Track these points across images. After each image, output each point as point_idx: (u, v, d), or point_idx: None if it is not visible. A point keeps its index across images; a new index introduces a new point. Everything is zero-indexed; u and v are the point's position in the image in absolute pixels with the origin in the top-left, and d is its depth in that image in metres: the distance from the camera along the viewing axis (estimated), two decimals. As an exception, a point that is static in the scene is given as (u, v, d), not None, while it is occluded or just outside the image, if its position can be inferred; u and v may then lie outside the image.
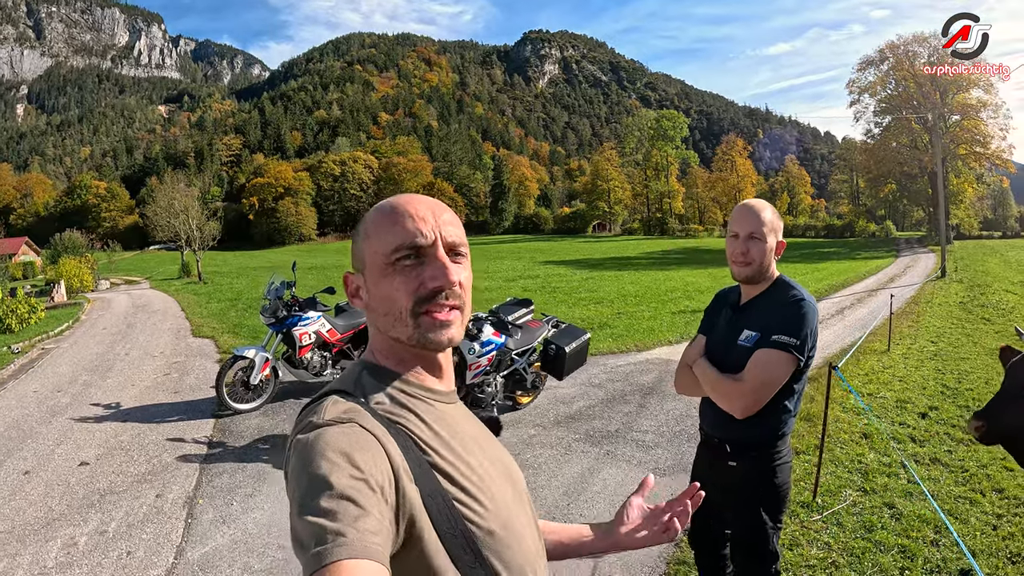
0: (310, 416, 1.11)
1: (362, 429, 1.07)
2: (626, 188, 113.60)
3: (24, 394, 10.52)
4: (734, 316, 2.97)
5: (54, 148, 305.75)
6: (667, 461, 6.38)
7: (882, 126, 63.24)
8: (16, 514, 5.67)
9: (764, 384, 2.68)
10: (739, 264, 2.83)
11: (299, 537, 0.94)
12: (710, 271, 31.63)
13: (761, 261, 2.79)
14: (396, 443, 1.10)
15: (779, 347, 2.67)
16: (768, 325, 2.75)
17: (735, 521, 3.00)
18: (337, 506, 0.93)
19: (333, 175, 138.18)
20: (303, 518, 0.94)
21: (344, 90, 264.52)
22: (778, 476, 2.86)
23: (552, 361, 7.55)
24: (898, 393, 8.47)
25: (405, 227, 1.21)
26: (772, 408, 2.76)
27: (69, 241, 51.15)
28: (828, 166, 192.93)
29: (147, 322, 19.24)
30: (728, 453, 2.91)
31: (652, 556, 4.56)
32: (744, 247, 2.79)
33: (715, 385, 2.83)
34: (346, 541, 0.90)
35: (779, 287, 2.87)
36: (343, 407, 1.12)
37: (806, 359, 2.72)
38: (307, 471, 0.99)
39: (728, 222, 2.97)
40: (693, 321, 14.74)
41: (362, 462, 1.00)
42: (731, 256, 2.87)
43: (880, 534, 4.58)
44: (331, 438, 1.03)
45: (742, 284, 2.95)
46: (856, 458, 6.11)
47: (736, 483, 2.90)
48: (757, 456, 2.85)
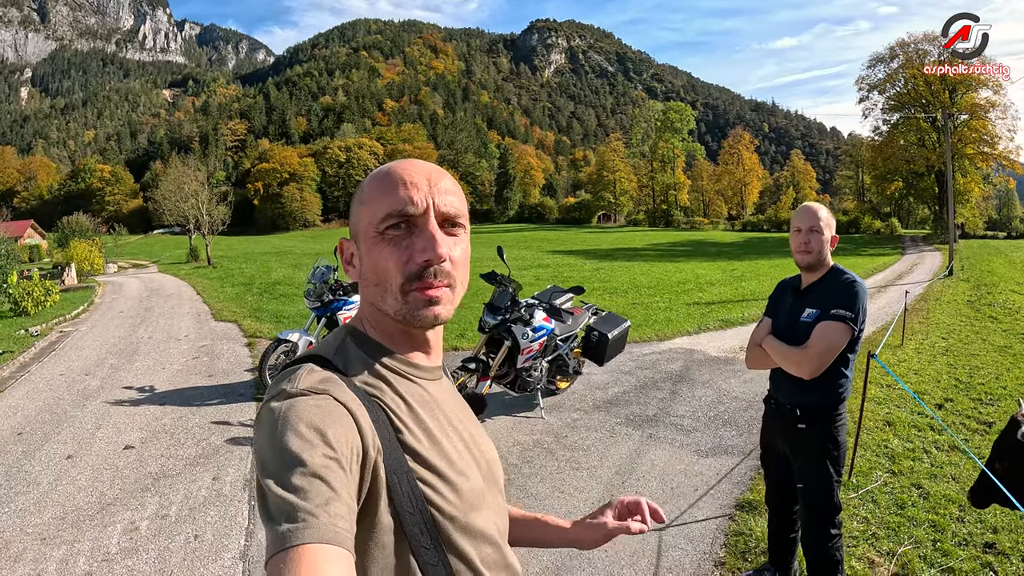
0: (283, 383, 1.08)
1: (335, 402, 1.05)
2: (632, 179, 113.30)
3: (51, 377, 10.55)
4: (796, 300, 3.50)
5: (58, 131, 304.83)
6: (708, 444, 6.56)
7: (890, 123, 62.91)
8: (66, 499, 5.63)
9: (827, 349, 3.20)
10: (802, 253, 3.38)
11: (267, 507, 0.93)
12: (719, 264, 31.67)
13: (820, 250, 3.34)
14: (369, 416, 1.08)
15: (838, 319, 3.21)
16: (827, 303, 3.28)
17: (805, 476, 3.47)
18: (309, 485, 0.92)
19: (338, 161, 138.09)
20: (274, 490, 0.93)
21: (349, 76, 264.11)
22: (840, 435, 3.40)
23: (594, 347, 7.70)
24: (914, 385, 8.69)
25: (396, 194, 1.15)
26: (832, 374, 3.30)
27: (77, 224, 51.18)
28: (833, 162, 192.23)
29: (164, 306, 19.37)
30: (798, 416, 3.43)
31: (711, 529, 4.78)
32: (806, 238, 3.34)
33: (786, 355, 3.35)
34: (316, 523, 0.89)
35: (834, 273, 3.41)
36: (318, 376, 1.09)
37: (858, 330, 3.25)
38: (279, 443, 0.97)
39: (791, 220, 3.49)
40: (708, 312, 15.03)
41: (334, 438, 0.99)
42: (795, 247, 3.42)
43: (911, 511, 4.90)
44: (303, 410, 1.01)
45: (803, 272, 3.49)
46: (882, 443, 6.38)
47: (805, 442, 3.44)
48: (823, 418, 3.38)
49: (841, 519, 3.50)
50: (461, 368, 6.83)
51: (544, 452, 6.37)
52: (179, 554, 4.62)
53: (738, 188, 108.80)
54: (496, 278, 7.58)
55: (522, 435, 6.88)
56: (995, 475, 3.35)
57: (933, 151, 55.41)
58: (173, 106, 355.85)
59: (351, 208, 1.25)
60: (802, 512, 3.55)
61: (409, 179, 1.17)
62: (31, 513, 5.40)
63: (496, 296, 7.42)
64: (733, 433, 6.84)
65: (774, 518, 3.90)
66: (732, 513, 5.00)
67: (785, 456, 3.61)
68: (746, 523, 4.76)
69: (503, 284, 7.47)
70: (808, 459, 3.43)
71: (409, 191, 1.15)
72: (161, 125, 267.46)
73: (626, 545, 4.50)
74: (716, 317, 14.12)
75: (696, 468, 5.91)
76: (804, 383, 3.30)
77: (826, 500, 3.41)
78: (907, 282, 22.91)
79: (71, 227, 50.23)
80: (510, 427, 7.15)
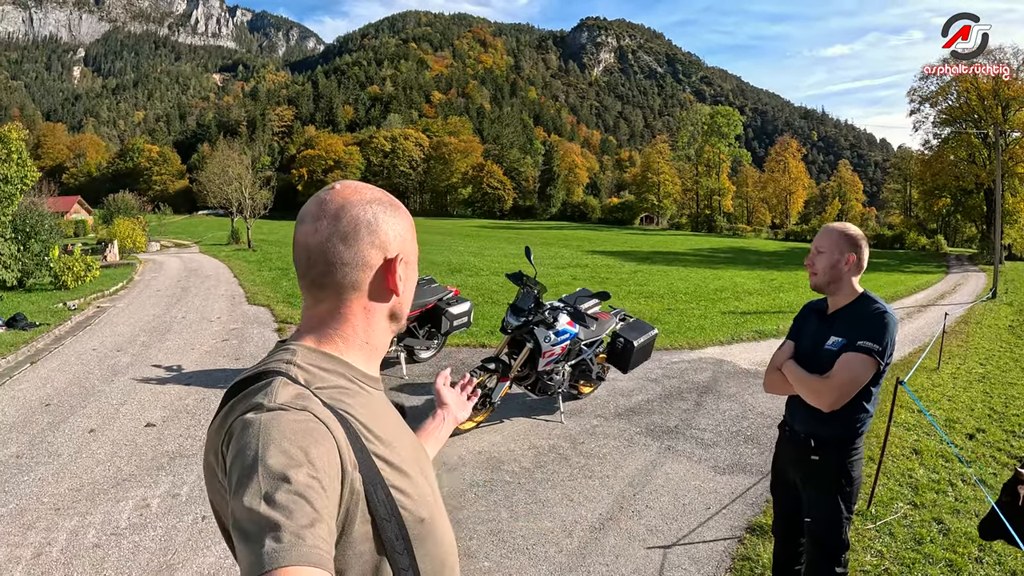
0: (258, 396, 1.07)
1: (315, 419, 1.05)
2: (676, 182, 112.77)
3: (84, 351, 10.71)
4: (821, 325, 3.29)
5: (108, 111, 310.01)
6: (726, 460, 6.41)
7: (941, 137, 61.80)
8: (84, 472, 5.75)
9: (849, 382, 3.02)
10: (809, 273, 3.27)
11: (245, 526, 0.91)
12: (759, 273, 31.38)
13: (825, 271, 3.18)
14: (343, 432, 1.08)
15: (863, 351, 3.01)
16: (853, 333, 3.08)
17: (813, 509, 3.31)
18: (294, 504, 0.92)
19: (383, 151, 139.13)
20: (254, 507, 0.91)
21: (398, 67, 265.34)
22: (854, 469, 3.21)
23: (619, 354, 7.57)
24: (947, 412, 8.41)
25: (415, 244, 1.27)
26: (853, 408, 3.11)
27: (122, 202, 51.84)
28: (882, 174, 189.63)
29: (201, 286, 19.57)
30: (812, 447, 3.26)
31: (718, 551, 4.66)
32: (811, 260, 3.24)
33: (806, 383, 3.17)
34: (302, 544, 0.89)
35: (864, 300, 3.20)
36: (294, 391, 1.09)
37: (885, 364, 3.05)
38: (262, 459, 0.96)
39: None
40: (743, 323, 14.71)
41: (317, 458, 0.99)
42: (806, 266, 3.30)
43: (929, 547, 4.70)
44: (286, 427, 1.00)
45: (828, 296, 3.30)
46: (907, 472, 6.15)
47: (817, 474, 3.27)
48: (838, 450, 3.20)
49: (848, 557, 3.37)
50: (481, 367, 6.75)
51: (558, 457, 6.30)
52: (186, 533, 4.68)
53: (783, 196, 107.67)
54: (522, 279, 7.53)
55: (539, 439, 6.82)
56: (1001, 509, 3.31)
57: (983, 168, 54.55)
58: (222, 90, 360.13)
59: (389, 220, 1.26)
60: (808, 546, 3.43)
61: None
62: (49, 483, 5.52)
63: (520, 297, 7.35)
64: (754, 451, 6.69)
65: (780, 548, 3.75)
66: (742, 536, 4.89)
67: (795, 486, 3.46)
68: (755, 548, 4.64)
69: (527, 285, 7.42)
70: (819, 492, 3.29)
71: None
72: (210, 108, 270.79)
73: (628, 562, 4.45)
74: (750, 328, 13.87)
75: (711, 485, 5.80)
76: (822, 413, 3.14)
77: (834, 536, 3.26)
78: (948, 303, 22.49)
79: (116, 204, 50.84)
80: (528, 429, 7.10)
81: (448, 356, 10.23)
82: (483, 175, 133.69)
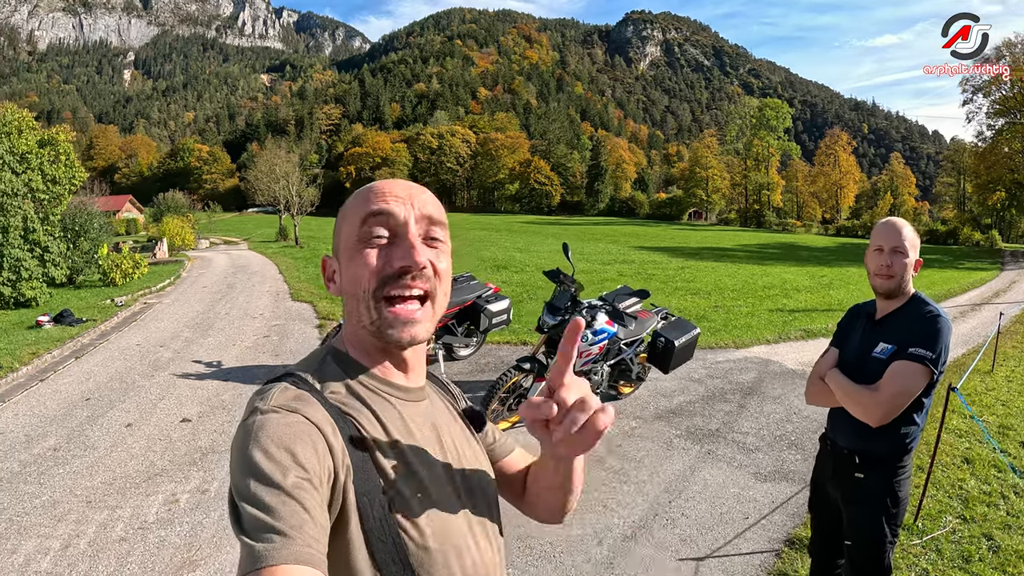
0: (256, 401, 1.07)
1: (305, 420, 1.03)
2: (724, 177, 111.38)
3: (127, 347, 10.86)
4: (869, 330, 3.01)
5: (159, 112, 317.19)
6: (768, 467, 6.14)
7: (995, 128, 60.25)
8: (118, 466, 5.81)
9: (901, 393, 2.72)
10: (882, 277, 2.89)
11: (241, 522, 0.92)
12: (808, 270, 30.70)
13: (903, 275, 2.86)
14: (342, 436, 1.06)
15: (916, 359, 2.72)
16: (905, 339, 2.80)
17: (855, 531, 3.00)
18: (283, 506, 0.91)
19: (430, 148, 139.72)
20: (247, 508, 0.92)
21: (444, 64, 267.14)
22: (901, 490, 2.91)
23: (660, 354, 7.36)
24: (1000, 418, 7.90)
25: (377, 203, 1.14)
26: (903, 421, 2.82)
27: (172, 201, 53.01)
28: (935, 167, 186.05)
29: (246, 283, 19.78)
30: (857, 464, 2.96)
31: (754, 565, 4.45)
32: (888, 260, 2.86)
33: (851, 395, 2.87)
34: (291, 544, 0.89)
35: (915, 303, 2.92)
36: (291, 394, 1.07)
37: (938, 373, 2.75)
38: (250, 461, 0.96)
39: (871, 236, 3.00)
40: (791, 320, 14.34)
41: (304, 457, 0.97)
42: (874, 269, 2.93)
43: (977, 566, 4.38)
44: (273, 429, 0.99)
45: (880, 298, 2.99)
46: (957, 483, 5.78)
47: (861, 494, 2.96)
48: (884, 469, 2.91)
49: None
50: (516, 367, 6.61)
51: (593, 461, 6.09)
52: (211, 530, 4.69)
53: (833, 191, 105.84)
54: (559, 276, 7.39)
55: (574, 441, 6.62)
56: None
57: (1039, 161, 53.01)
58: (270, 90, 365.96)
59: (334, 227, 1.24)
60: (847, 569, 3.10)
61: (390, 191, 1.17)
62: (83, 476, 5.59)
63: (556, 295, 7.23)
64: (797, 458, 6.37)
65: (817, 568, 3.44)
66: (779, 549, 4.60)
67: (836, 504, 3.14)
68: (792, 564, 4.37)
69: (564, 283, 7.28)
70: (861, 513, 2.96)
71: (390, 202, 1.15)
72: (258, 108, 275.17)
73: (659, 573, 4.29)
74: (799, 326, 13.44)
75: (751, 493, 5.54)
76: (868, 428, 2.84)
77: (875, 562, 2.94)
78: (1004, 301, 21.75)
79: (166, 203, 51.97)
80: (563, 431, 6.91)
81: (488, 353, 10.12)
82: (530, 171, 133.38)
